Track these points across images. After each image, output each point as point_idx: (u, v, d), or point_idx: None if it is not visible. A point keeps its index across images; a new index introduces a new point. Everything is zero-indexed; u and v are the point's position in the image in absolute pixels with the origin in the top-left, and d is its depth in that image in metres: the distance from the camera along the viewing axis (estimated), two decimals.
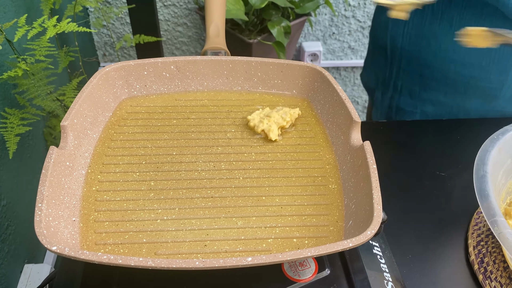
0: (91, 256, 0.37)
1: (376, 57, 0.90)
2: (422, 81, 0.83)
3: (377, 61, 0.90)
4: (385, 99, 0.91)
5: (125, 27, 1.62)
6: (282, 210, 0.48)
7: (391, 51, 0.84)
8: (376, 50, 0.90)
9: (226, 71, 0.64)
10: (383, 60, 0.88)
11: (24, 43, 0.91)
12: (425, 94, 0.84)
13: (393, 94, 0.89)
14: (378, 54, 0.89)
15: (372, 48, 0.92)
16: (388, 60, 0.86)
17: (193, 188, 0.50)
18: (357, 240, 0.39)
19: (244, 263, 0.37)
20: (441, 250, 0.58)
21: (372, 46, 0.92)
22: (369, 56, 0.95)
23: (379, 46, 0.88)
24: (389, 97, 0.89)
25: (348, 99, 0.56)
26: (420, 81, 0.83)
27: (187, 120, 0.59)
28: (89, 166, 0.52)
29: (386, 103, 0.90)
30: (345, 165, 0.52)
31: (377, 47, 0.89)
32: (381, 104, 0.92)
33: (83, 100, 0.54)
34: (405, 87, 0.86)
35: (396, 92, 0.88)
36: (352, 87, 1.84)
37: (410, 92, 0.86)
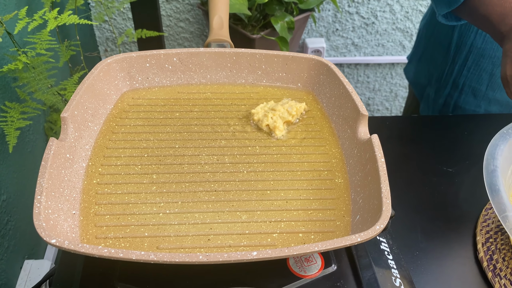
0: (92, 250, 0.36)
1: (432, 52, 0.88)
2: (492, 80, 0.81)
3: (433, 56, 0.88)
4: (440, 96, 0.88)
5: (127, 22, 1.61)
6: (287, 204, 0.47)
7: (456, 48, 0.81)
8: (433, 45, 0.87)
9: (230, 63, 0.62)
10: (441, 56, 0.85)
11: (24, 36, 0.90)
12: (492, 93, 0.81)
13: (451, 92, 0.86)
14: (435, 50, 0.86)
15: (426, 43, 0.90)
16: (450, 57, 0.83)
17: (196, 182, 0.49)
18: (366, 235, 0.38)
19: (249, 257, 0.36)
20: (449, 247, 0.57)
21: (426, 41, 0.89)
22: (418, 50, 0.92)
23: (439, 42, 0.84)
24: (446, 95, 0.87)
25: (355, 92, 0.54)
26: (489, 79, 0.81)
27: (189, 113, 0.58)
28: (90, 159, 0.50)
29: (440, 101, 0.88)
30: (352, 159, 0.51)
31: (436, 43, 0.86)
32: (434, 101, 0.89)
33: (84, 91, 0.52)
34: (468, 85, 0.83)
35: (456, 90, 0.85)
36: (356, 84, 1.83)
37: (474, 91, 0.84)
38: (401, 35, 1.70)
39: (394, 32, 1.69)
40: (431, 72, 0.89)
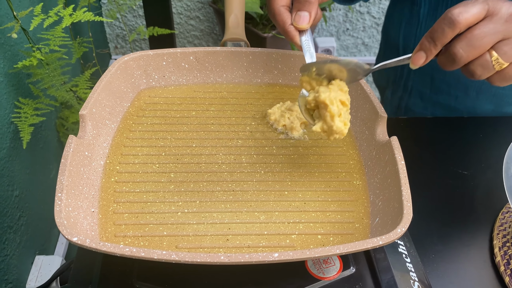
0: (113, 248, 0.36)
1: (388, 55, 0.88)
2: (433, 84, 0.81)
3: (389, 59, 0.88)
4: (394, 98, 0.88)
5: (138, 19, 1.61)
6: (305, 205, 0.47)
7: (403, 51, 0.82)
8: (388, 48, 0.87)
9: (246, 62, 0.62)
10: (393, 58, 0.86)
11: (38, 32, 0.90)
12: (435, 97, 0.81)
13: (402, 95, 0.86)
14: (390, 52, 0.87)
15: (384, 45, 0.90)
16: None
17: (214, 181, 0.49)
18: (387, 238, 0.38)
19: (270, 259, 0.36)
20: (465, 251, 0.56)
21: (384, 44, 0.90)
22: (380, 53, 0.93)
23: (391, 44, 0.85)
24: (399, 97, 0.87)
25: (373, 93, 0.54)
26: (431, 84, 0.81)
27: (206, 112, 0.58)
28: (108, 157, 0.50)
29: (395, 103, 0.88)
30: (370, 161, 0.50)
31: (389, 45, 0.87)
32: (390, 103, 0.90)
33: (102, 89, 0.52)
34: (415, 88, 0.84)
35: (406, 92, 0.85)
36: None
37: (420, 94, 0.84)
38: None
39: None
40: (388, 74, 0.89)
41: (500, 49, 0.40)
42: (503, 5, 0.40)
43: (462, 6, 0.40)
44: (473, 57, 0.41)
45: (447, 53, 0.42)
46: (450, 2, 0.69)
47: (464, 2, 0.41)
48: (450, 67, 0.42)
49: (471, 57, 0.41)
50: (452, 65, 0.42)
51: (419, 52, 0.43)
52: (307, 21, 0.49)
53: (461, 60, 0.41)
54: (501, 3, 0.40)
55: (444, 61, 0.42)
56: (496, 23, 0.40)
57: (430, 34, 0.42)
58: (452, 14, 0.40)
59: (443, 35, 0.41)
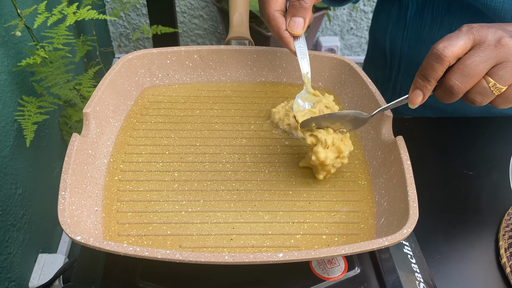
0: (117, 248, 0.36)
1: (376, 57, 0.88)
2: None
3: (376, 61, 0.88)
4: None
5: (141, 18, 1.61)
6: (310, 205, 0.46)
7: (390, 53, 0.82)
8: (376, 50, 0.87)
9: (250, 61, 0.62)
10: (382, 61, 0.85)
11: (42, 31, 0.90)
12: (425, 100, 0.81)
13: (392, 97, 0.86)
14: (377, 54, 0.86)
15: (371, 48, 0.90)
16: (388, 62, 0.83)
17: (218, 180, 0.48)
18: (393, 238, 0.37)
19: (275, 259, 0.36)
20: (470, 252, 0.56)
21: (371, 46, 0.89)
22: (368, 55, 0.93)
23: (379, 46, 0.85)
24: (388, 99, 0.87)
25: (379, 92, 0.54)
26: None
27: (210, 111, 0.58)
28: (111, 155, 0.50)
29: None
30: (376, 161, 0.50)
31: (377, 48, 0.86)
32: None
33: (106, 87, 0.52)
34: (404, 90, 0.83)
35: (395, 95, 0.85)
36: None
37: None
38: None
39: None
40: (377, 76, 0.89)
41: (496, 74, 0.40)
42: (488, 32, 0.41)
43: (446, 40, 0.40)
44: (469, 86, 0.41)
45: (443, 86, 0.42)
46: (436, 4, 0.69)
47: (447, 36, 0.41)
48: (449, 99, 0.42)
49: (468, 87, 0.41)
50: (450, 97, 0.42)
51: (415, 91, 0.43)
52: (302, 27, 0.49)
53: (459, 92, 0.41)
54: (485, 30, 0.41)
55: (442, 94, 0.42)
56: (486, 50, 0.40)
57: (421, 72, 0.42)
58: (437, 49, 0.40)
59: (433, 71, 0.41)
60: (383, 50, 0.83)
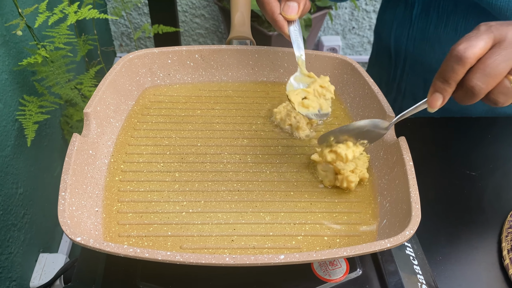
0: (117, 249, 0.36)
1: (380, 56, 0.87)
2: (426, 86, 0.79)
3: (381, 60, 0.87)
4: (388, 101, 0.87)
5: (142, 17, 1.61)
6: (311, 206, 0.46)
7: (395, 52, 0.81)
8: (380, 49, 0.86)
9: (252, 61, 0.62)
10: (387, 60, 0.84)
11: (43, 30, 0.90)
12: None
13: (396, 97, 0.85)
14: (382, 54, 0.86)
15: (376, 47, 0.89)
16: (392, 61, 0.82)
17: (219, 181, 0.48)
18: (395, 240, 0.37)
19: (276, 261, 0.35)
20: (473, 253, 0.56)
21: (376, 46, 0.89)
22: (373, 54, 0.92)
23: (383, 46, 0.84)
24: (393, 99, 0.86)
25: (381, 93, 0.53)
26: (424, 86, 0.79)
27: (211, 111, 0.58)
28: (112, 155, 0.50)
29: None
30: (378, 161, 0.50)
31: (381, 47, 0.85)
32: None
33: (106, 87, 0.52)
34: (408, 90, 0.82)
35: (400, 94, 0.84)
36: None
37: (414, 96, 0.82)
38: None
39: None
40: (381, 76, 0.88)
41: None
42: (507, 30, 0.40)
43: (466, 41, 0.39)
44: (491, 87, 0.40)
45: (464, 88, 0.40)
46: (441, 3, 0.69)
47: (467, 36, 0.40)
48: (469, 101, 0.41)
49: (490, 87, 0.40)
50: (471, 99, 0.41)
51: (434, 94, 0.42)
52: (296, 12, 0.49)
53: (480, 92, 0.40)
54: (505, 29, 0.40)
55: (462, 96, 0.41)
56: (507, 48, 0.39)
57: (441, 75, 0.41)
58: (458, 51, 0.39)
59: (454, 73, 0.40)
60: (388, 50, 0.82)
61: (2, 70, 0.79)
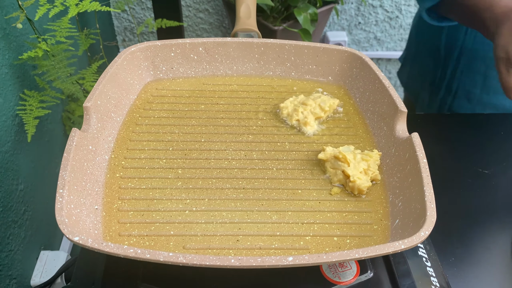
0: (117, 249, 0.34)
1: (423, 56, 0.84)
2: (486, 83, 0.76)
3: (424, 61, 0.84)
4: (434, 101, 0.84)
5: (146, 12, 1.59)
6: (320, 205, 0.44)
7: (446, 50, 0.77)
8: (424, 48, 0.83)
9: (258, 54, 0.60)
10: (432, 60, 0.81)
11: (44, 23, 0.88)
12: (487, 97, 0.77)
13: (445, 96, 0.82)
14: (425, 54, 0.83)
15: (416, 47, 0.85)
16: (441, 60, 0.79)
17: (223, 178, 0.46)
18: (410, 242, 0.35)
19: (284, 263, 0.33)
20: (486, 254, 0.54)
21: (416, 45, 0.85)
22: (410, 55, 0.89)
23: (429, 46, 0.81)
24: (440, 99, 0.83)
25: (392, 87, 0.51)
26: (483, 83, 0.76)
27: (215, 105, 0.56)
28: (113, 151, 0.48)
29: (435, 105, 0.84)
30: (389, 159, 0.48)
31: (426, 46, 0.82)
32: (428, 106, 0.85)
33: (107, 80, 0.50)
34: (461, 89, 0.79)
35: (450, 94, 0.81)
36: None
37: (468, 95, 0.79)
38: None
39: None
40: (424, 76, 0.85)
41: None
42: None
43: None
44: None
45: None
46: None
47: None
48: None
49: None
50: None
51: None
52: None
53: None
54: None
55: None
56: None
57: None
58: None
59: None
60: (436, 48, 0.78)
61: (2, 64, 0.77)
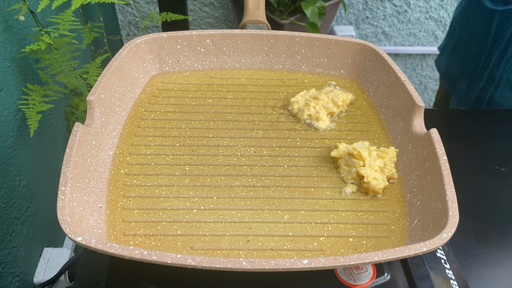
0: (121, 251, 0.32)
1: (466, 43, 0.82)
2: None
3: (468, 47, 0.82)
4: (473, 90, 0.82)
5: (150, 5, 1.56)
6: (334, 204, 0.42)
7: (495, 37, 0.75)
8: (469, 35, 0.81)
9: (267, 47, 0.58)
10: (477, 47, 0.79)
11: (47, 16, 0.87)
12: None
13: (486, 85, 0.80)
14: (470, 40, 0.81)
15: (460, 33, 0.84)
16: (487, 47, 0.77)
17: (232, 175, 0.44)
18: (432, 244, 0.33)
19: (299, 266, 0.31)
20: (505, 255, 0.51)
21: (460, 31, 0.83)
22: (451, 41, 0.87)
23: (476, 32, 0.78)
24: (480, 88, 0.81)
25: (408, 81, 0.49)
26: None
27: (223, 100, 0.54)
28: (117, 147, 0.46)
29: (473, 94, 0.82)
30: (406, 156, 0.46)
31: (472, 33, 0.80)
32: (466, 95, 0.83)
33: (111, 73, 0.48)
34: (506, 78, 0.77)
35: (492, 83, 0.79)
36: None
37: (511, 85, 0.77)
38: (434, 25, 1.62)
39: (427, 22, 1.61)
40: (464, 64, 0.83)
41: None
42: None
43: None
44: None
45: None
46: None
47: None
48: None
49: None
50: None
51: None
52: None
53: None
54: None
55: None
56: None
57: None
58: None
59: None
60: (483, 34, 0.76)
61: (4, 57, 0.75)
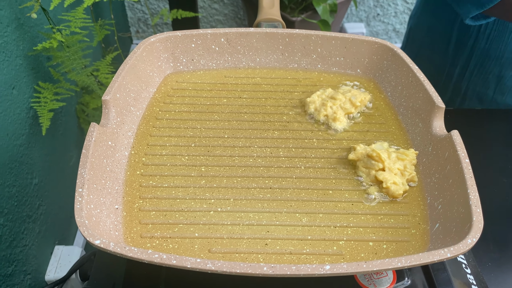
0: (140, 254, 0.32)
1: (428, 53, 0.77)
2: (501, 84, 0.72)
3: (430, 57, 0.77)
4: None
5: (160, 3, 1.56)
6: (353, 207, 0.41)
7: (455, 49, 0.72)
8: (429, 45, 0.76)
9: (282, 45, 0.57)
10: (438, 57, 0.75)
11: (59, 14, 0.86)
12: (501, 98, 0.72)
13: (452, 97, 0.77)
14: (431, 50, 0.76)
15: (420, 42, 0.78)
16: (449, 58, 0.74)
17: (249, 177, 0.44)
18: (457, 250, 0.32)
19: (321, 272, 0.31)
20: None
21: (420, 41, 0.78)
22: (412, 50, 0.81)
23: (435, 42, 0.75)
24: (446, 101, 0.77)
25: (428, 81, 0.48)
26: (496, 83, 0.72)
27: (238, 99, 0.53)
28: (133, 147, 0.46)
29: None
30: (426, 158, 0.45)
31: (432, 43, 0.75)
32: None
33: (126, 73, 0.48)
34: (472, 90, 0.75)
35: (459, 95, 0.76)
36: None
37: (479, 96, 0.74)
38: None
39: None
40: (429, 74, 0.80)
41: None
42: None
43: None
44: None
45: None
46: None
47: None
48: None
49: None
50: None
51: None
52: None
53: None
54: None
55: None
56: None
57: None
58: None
59: None
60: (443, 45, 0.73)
61: (16, 54, 0.75)
